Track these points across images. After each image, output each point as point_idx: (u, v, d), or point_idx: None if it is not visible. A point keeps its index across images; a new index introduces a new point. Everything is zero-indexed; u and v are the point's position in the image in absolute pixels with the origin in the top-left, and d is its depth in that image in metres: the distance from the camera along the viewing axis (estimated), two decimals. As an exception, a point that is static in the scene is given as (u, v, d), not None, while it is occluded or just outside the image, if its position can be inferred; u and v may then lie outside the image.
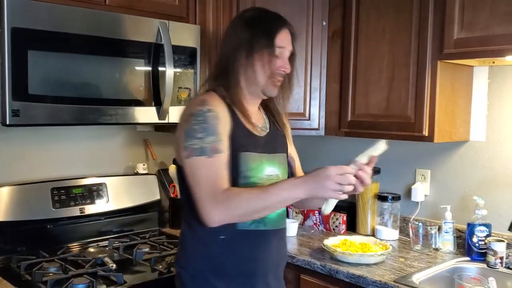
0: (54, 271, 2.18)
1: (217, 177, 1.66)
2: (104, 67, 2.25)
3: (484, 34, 2.08)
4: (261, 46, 1.77)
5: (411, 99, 2.36)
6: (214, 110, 1.71)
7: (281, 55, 1.80)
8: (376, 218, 2.78)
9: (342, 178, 1.55)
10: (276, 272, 1.91)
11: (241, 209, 1.63)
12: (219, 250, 1.78)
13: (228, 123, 1.75)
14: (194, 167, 1.68)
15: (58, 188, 2.54)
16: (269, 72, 1.79)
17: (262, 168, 1.81)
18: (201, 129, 1.68)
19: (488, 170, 2.50)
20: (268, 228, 1.82)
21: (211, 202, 1.63)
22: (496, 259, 2.24)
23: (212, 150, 1.66)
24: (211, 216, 1.63)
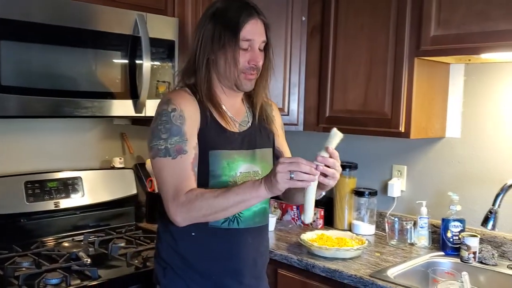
0: (27, 266, 2.15)
1: (180, 179, 1.66)
2: (80, 59, 2.22)
3: (460, 32, 2.10)
4: (224, 41, 1.72)
5: (388, 95, 2.37)
6: (178, 109, 1.70)
7: (251, 48, 1.74)
8: (353, 213, 2.80)
9: (291, 165, 1.48)
10: (254, 271, 1.87)
11: (203, 210, 1.61)
12: (189, 247, 1.77)
13: (196, 121, 1.73)
14: (159, 168, 1.69)
15: (32, 181, 2.50)
16: (238, 67, 1.73)
17: (235, 165, 1.77)
18: (165, 130, 1.68)
19: (463, 166, 2.53)
20: (242, 227, 1.79)
21: (174, 204, 1.63)
22: (469, 254, 2.27)
23: (176, 151, 1.66)
24: (175, 217, 1.64)
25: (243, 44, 1.72)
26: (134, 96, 2.38)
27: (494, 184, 2.33)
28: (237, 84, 1.78)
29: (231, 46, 1.72)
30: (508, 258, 2.33)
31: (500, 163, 2.39)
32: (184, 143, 1.67)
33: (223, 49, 1.73)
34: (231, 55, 1.72)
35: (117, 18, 2.30)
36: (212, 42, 1.73)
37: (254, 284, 1.87)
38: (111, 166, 2.89)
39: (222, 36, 1.72)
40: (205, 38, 1.75)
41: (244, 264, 1.82)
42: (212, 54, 1.75)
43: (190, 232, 1.74)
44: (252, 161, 1.82)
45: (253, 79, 1.79)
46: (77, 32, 2.18)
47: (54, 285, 1.98)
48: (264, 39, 1.78)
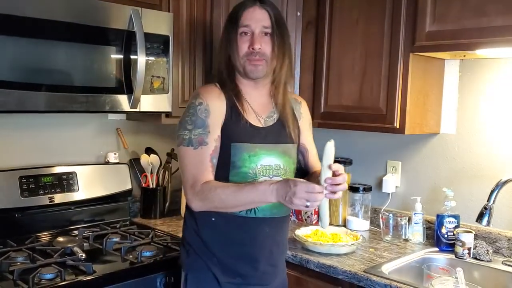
0: (22, 261, 2.15)
1: (199, 168, 1.79)
2: (75, 54, 2.21)
3: (455, 28, 2.10)
4: (228, 31, 1.90)
5: (383, 91, 2.37)
6: (204, 103, 1.84)
7: (251, 34, 1.86)
8: (347, 208, 2.80)
9: (309, 196, 1.60)
10: (270, 258, 1.95)
11: (215, 202, 1.76)
12: (209, 231, 1.90)
13: (221, 115, 1.86)
14: (181, 156, 1.85)
15: (27, 176, 2.49)
16: (239, 53, 1.87)
17: (257, 158, 1.86)
18: (191, 121, 1.83)
19: (457, 162, 2.53)
20: (259, 216, 1.88)
21: (191, 191, 1.78)
22: (464, 250, 2.28)
23: (198, 142, 1.80)
24: (190, 203, 1.80)
25: (241, 30, 1.86)
26: (129, 91, 2.37)
27: (488, 180, 2.34)
28: (245, 72, 1.89)
29: (231, 34, 1.88)
30: (502, 254, 2.34)
31: (495, 159, 2.40)
32: (206, 135, 1.81)
33: (229, 40, 1.88)
34: (233, 43, 1.87)
35: (112, 13, 2.29)
36: (223, 39, 1.93)
37: (270, 271, 1.97)
38: (105, 161, 2.88)
39: (227, 28, 1.92)
40: (222, 38, 1.96)
41: (259, 252, 1.92)
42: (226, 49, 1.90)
43: (211, 218, 1.87)
44: (275, 155, 1.90)
45: (259, 66, 1.88)
46: (72, 27, 2.17)
47: (49, 280, 1.97)
48: (265, 25, 1.87)
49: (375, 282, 2.00)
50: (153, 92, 2.45)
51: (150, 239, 2.46)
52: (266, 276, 1.95)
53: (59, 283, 1.96)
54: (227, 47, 1.90)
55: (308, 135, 2.12)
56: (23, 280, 1.95)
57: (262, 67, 1.88)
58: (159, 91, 2.47)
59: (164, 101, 2.51)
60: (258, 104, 1.95)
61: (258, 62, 1.87)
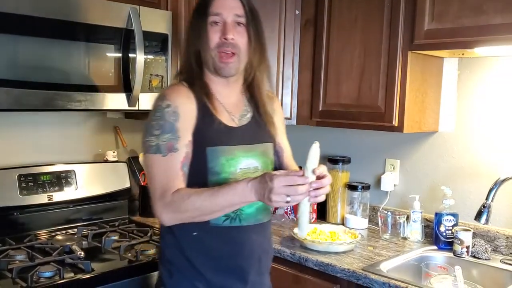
0: (21, 259, 2.15)
1: (169, 177, 1.62)
2: (73, 52, 2.20)
3: (454, 26, 2.10)
4: (197, 22, 1.71)
5: (382, 89, 2.37)
6: (172, 105, 1.65)
7: (222, 23, 1.68)
8: (346, 207, 2.80)
9: (289, 190, 1.44)
10: (258, 267, 1.80)
11: (188, 212, 1.58)
12: (192, 247, 1.71)
13: (192, 118, 1.68)
14: (149, 164, 1.66)
15: (26, 174, 2.49)
16: (210, 45, 1.68)
17: (235, 162, 1.70)
18: (157, 126, 1.64)
19: (456, 160, 2.53)
20: (244, 224, 1.73)
21: (159, 203, 1.60)
22: (462, 248, 2.28)
23: (167, 148, 1.62)
24: (160, 216, 1.61)
25: (212, 19, 1.68)
26: (127, 89, 2.37)
27: (487, 179, 2.34)
28: (216, 69, 1.71)
29: (200, 24, 1.69)
30: (501, 252, 2.34)
31: (493, 158, 2.40)
32: (176, 141, 1.63)
33: (197, 31, 1.70)
34: (202, 34, 1.68)
35: (110, 11, 2.29)
36: (191, 30, 1.74)
37: (259, 280, 1.82)
38: (104, 159, 2.88)
39: (194, 18, 1.73)
40: (188, 30, 1.78)
41: (248, 262, 1.76)
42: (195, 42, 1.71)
43: (192, 232, 1.70)
44: (253, 157, 1.75)
45: (230, 63, 1.70)
46: (70, 25, 2.17)
47: (48, 278, 1.97)
48: (238, 13, 1.69)
49: (374, 281, 2.00)
50: (151, 91, 2.44)
51: (149, 238, 2.46)
52: (255, 286, 1.80)
53: (57, 281, 1.96)
54: (195, 40, 1.71)
55: (283, 134, 1.98)
56: (21, 278, 1.95)
57: (233, 64, 1.70)
58: (158, 90, 2.47)
59: (163, 100, 2.50)
60: (230, 103, 1.78)
61: (230, 59, 1.69)
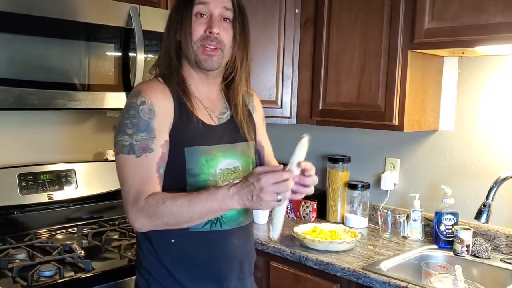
0: (21, 258, 2.14)
1: (143, 180, 1.50)
2: (73, 51, 2.20)
3: (454, 25, 2.10)
4: (181, 11, 1.59)
5: (382, 88, 2.37)
6: (148, 102, 1.54)
7: (209, 16, 1.59)
8: (346, 206, 2.80)
9: (279, 187, 1.35)
10: (239, 273, 1.71)
11: (164, 218, 1.46)
12: (170, 255, 1.62)
13: (168, 116, 1.58)
14: (121, 165, 1.53)
15: (26, 173, 2.49)
16: (193, 37, 1.58)
17: (215, 162, 1.62)
18: (131, 124, 1.52)
19: (456, 159, 2.53)
20: (226, 228, 1.64)
21: (133, 208, 1.48)
22: (462, 247, 2.28)
23: (141, 148, 1.51)
24: (134, 222, 1.50)
25: (197, 9, 1.58)
26: (127, 88, 2.37)
27: (487, 177, 2.34)
28: (197, 61, 1.60)
29: (184, 14, 1.58)
30: (501, 251, 2.34)
31: (494, 156, 2.40)
32: (151, 141, 1.52)
33: (180, 21, 1.59)
34: (186, 25, 1.58)
35: (110, 10, 2.29)
36: (173, 19, 1.62)
37: (239, 284, 1.73)
38: (104, 158, 2.88)
39: (177, 8, 1.61)
40: (170, 19, 1.65)
41: (229, 268, 1.68)
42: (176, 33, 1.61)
43: (170, 239, 1.60)
44: (233, 156, 1.67)
45: (214, 56, 1.60)
46: (70, 24, 2.17)
47: (48, 277, 1.97)
48: (226, 6, 1.61)
49: (374, 280, 2.00)
50: (151, 89, 2.44)
51: (149, 237, 2.46)
52: None
53: (58, 280, 1.96)
54: (177, 31, 1.60)
55: (263, 131, 1.89)
56: (22, 277, 1.94)
57: (217, 58, 1.60)
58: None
59: (163, 99, 2.50)
60: (209, 100, 1.69)
61: (213, 52, 1.59)
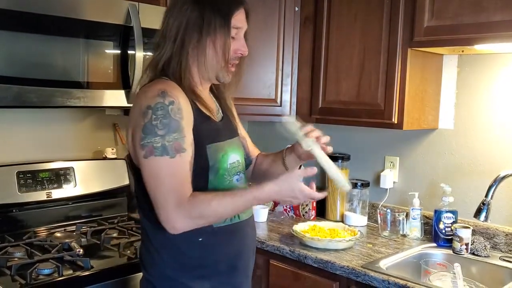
0: (19, 256, 2.14)
1: (181, 181, 1.51)
2: (72, 49, 2.20)
3: (454, 23, 2.10)
4: (215, 27, 1.59)
5: (381, 86, 2.37)
6: (176, 102, 1.53)
7: (238, 36, 1.65)
8: (345, 204, 2.80)
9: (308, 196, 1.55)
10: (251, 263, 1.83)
11: (209, 218, 1.54)
12: (197, 253, 1.64)
13: (191, 115, 1.58)
14: (154, 169, 1.51)
15: (24, 171, 2.49)
16: (225, 56, 1.62)
17: (227, 157, 1.67)
18: (162, 125, 1.50)
19: (455, 158, 2.53)
20: (242, 219, 1.73)
21: (176, 210, 1.48)
22: (461, 245, 2.28)
23: (174, 149, 1.50)
24: (175, 224, 1.50)
25: (233, 33, 1.63)
26: (126, 86, 2.37)
27: (486, 176, 2.34)
28: (218, 76, 1.67)
29: (222, 33, 1.60)
30: (500, 249, 2.34)
31: (493, 155, 2.40)
32: (183, 140, 1.52)
33: (212, 36, 1.60)
34: (221, 43, 1.61)
35: (109, 8, 2.28)
36: (200, 29, 1.60)
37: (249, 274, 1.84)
38: (103, 156, 2.88)
39: (212, 22, 1.59)
40: (190, 24, 1.60)
41: (248, 256, 1.78)
42: (199, 41, 1.61)
43: (198, 238, 1.62)
44: (235, 150, 1.74)
45: (233, 69, 1.69)
46: (69, 21, 2.16)
47: (47, 275, 1.97)
48: (247, 27, 1.70)
49: (373, 278, 2.00)
50: (150, 87, 2.44)
51: (148, 235, 2.46)
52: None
53: (56, 278, 1.96)
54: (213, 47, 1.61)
55: (239, 123, 1.91)
56: (20, 276, 1.94)
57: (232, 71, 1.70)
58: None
59: (162, 96, 2.49)
60: (207, 99, 1.72)
61: (233, 67, 1.69)
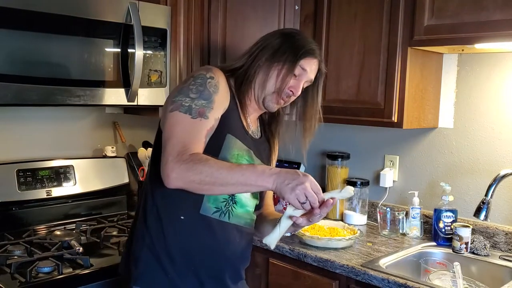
0: (19, 254, 2.15)
1: (192, 140, 1.57)
2: (72, 47, 2.20)
3: (454, 22, 2.10)
4: (285, 57, 1.74)
5: (381, 85, 2.37)
6: (216, 79, 1.67)
7: (299, 77, 1.77)
8: (344, 203, 2.80)
9: (312, 196, 1.48)
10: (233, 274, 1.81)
11: (202, 175, 1.49)
12: (175, 231, 1.69)
13: (226, 100, 1.70)
14: (174, 122, 1.59)
15: (24, 170, 2.50)
16: (279, 85, 1.75)
17: (241, 159, 1.73)
18: (196, 90, 1.62)
19: (455, 156, 2.53)
20: (232, 222, 1.74)
21: (176, 159, 1.51)
22: (461, 244, 2.28)
23: (198, 113, 1.59)
24: (170, 171, 1.51)
25: (298, 71, 1.76)
26: (126, 84, 2.37)
27: (486, 175, 2.34)
28: (265, 100, 1.78)
29: (288, 65, 1.74)
30: (500, 248, 2.34)
31: (493, 154, 2.40)
32: (209, 110, 1.61)
33: (280, 63, 1.74)
34: (284, 72, 1.74)
35: (109, 6, 2.28)
36: (274, 52, 1.76)
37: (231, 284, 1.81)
38: (103, 154, 2.88)
39: (286, 52, 1.75)
40: (270, 46, 1.77)
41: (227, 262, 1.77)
42: (267, 61, 1.76)
43: (179, 216, 1.68)
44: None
45: (281, 105, 1.81)
46: (70, 20, 2.16)
47: (46, 273, 1.98)
48: (312, 79, 1.81)
49: (373, 277, 2.00)
50: (150, 86, 2.44)
51: (148, 233, 2.46)
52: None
53: (56, 276, 1.96)
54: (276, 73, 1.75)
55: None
56: (20, 274, 1.95)
57: (280, 106, 1.83)
58: (157, 85, 2.47)
59: (162, 95, 2.50)
60: (251, 117, 1.85)
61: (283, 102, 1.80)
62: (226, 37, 2.65)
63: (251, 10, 2.63)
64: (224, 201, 1.72)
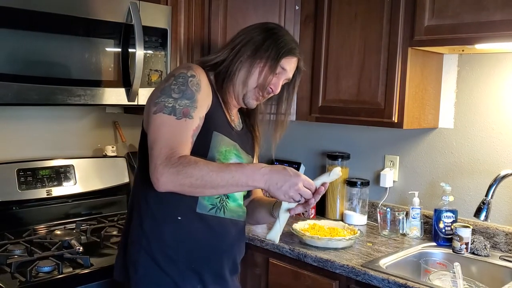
0: (19, 254, 2.15)
1: (179, 141, 1.56)
2: (73, 46, 2.20)
3: (454, 22, 2.09)
4: (267, 55, 1.76)
5: (381, 85, 2.36)
6: (197, 77, 1.67)
7: (279, 75, 1.80)
8: (345, 203, 2.80)
9: (305, 192, 1.54)
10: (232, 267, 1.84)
11: (192, 178, 1.48)
12: (173, 233, 1.69)
13: (208, 98, 1.71)
14: (159, 124, 1.58)
15: (24, 169, 2.50)
16: (261, 83, 1.77)
17: (229, 155, 1.75)
18: (178, 90, 1.61)
19: (455, 157, 2.53)
20: (227, 217, 1.77)
21: (164, 163, 1.50)
22: (461, 244, 2.28)
23: (183, 113, 1.59)
24: (160, 176, 1.49)
25: (279, 70, 1.79)
26: (127, 84, 2.37)
27: (486, 175, 2.34)
28: (245, 97, 1.80)
29: (270, 64, 1.76)
30: (500, 249, 2.34)
31: (493, 154, 2.40)
32: (193, 109, 1.61)
33: (262, 61, 1.76)
34: (266, 70, 1.76)
35: (110, 6, 2.28)
36: (256, 49, 1.77)
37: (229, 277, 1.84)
38: (103, 154, 2.88)
39: (268, 50, 1.76)
40: (252, 41, 1.78)
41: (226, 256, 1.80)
42: (249, 58, 1.77)
43: (176, 217, 1.69)
44: (240, 159, 1.81)
45: (260, 101, 1.85)
46: (70, 19, 2.16)
47: (46, 273, 1.97)
48: (290, 77, 1.85)
49: (373, 277, 2.00)
50: (150, 86, 2.44)
51: (148, 233, 2.46)
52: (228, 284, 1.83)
53: (56, 276, 1.96)
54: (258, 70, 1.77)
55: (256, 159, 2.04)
56: (20, 273, 1.95)
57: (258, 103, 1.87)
58: (157, 85, 2.46)
59: (162, 95, 2.49)
60: (232, 111, 1.87)
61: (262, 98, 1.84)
62: (226, 37, 2.65)
63: (251, 10, 2.63)
64: (218, 197, 1.75)
